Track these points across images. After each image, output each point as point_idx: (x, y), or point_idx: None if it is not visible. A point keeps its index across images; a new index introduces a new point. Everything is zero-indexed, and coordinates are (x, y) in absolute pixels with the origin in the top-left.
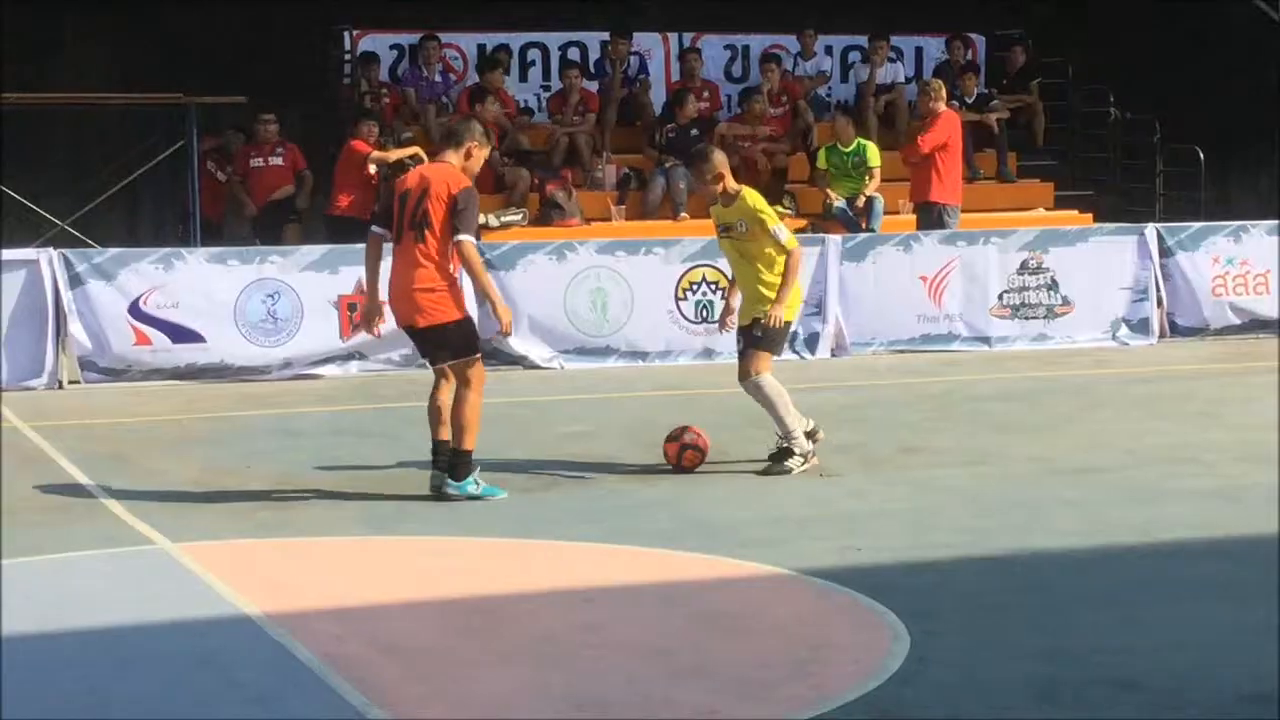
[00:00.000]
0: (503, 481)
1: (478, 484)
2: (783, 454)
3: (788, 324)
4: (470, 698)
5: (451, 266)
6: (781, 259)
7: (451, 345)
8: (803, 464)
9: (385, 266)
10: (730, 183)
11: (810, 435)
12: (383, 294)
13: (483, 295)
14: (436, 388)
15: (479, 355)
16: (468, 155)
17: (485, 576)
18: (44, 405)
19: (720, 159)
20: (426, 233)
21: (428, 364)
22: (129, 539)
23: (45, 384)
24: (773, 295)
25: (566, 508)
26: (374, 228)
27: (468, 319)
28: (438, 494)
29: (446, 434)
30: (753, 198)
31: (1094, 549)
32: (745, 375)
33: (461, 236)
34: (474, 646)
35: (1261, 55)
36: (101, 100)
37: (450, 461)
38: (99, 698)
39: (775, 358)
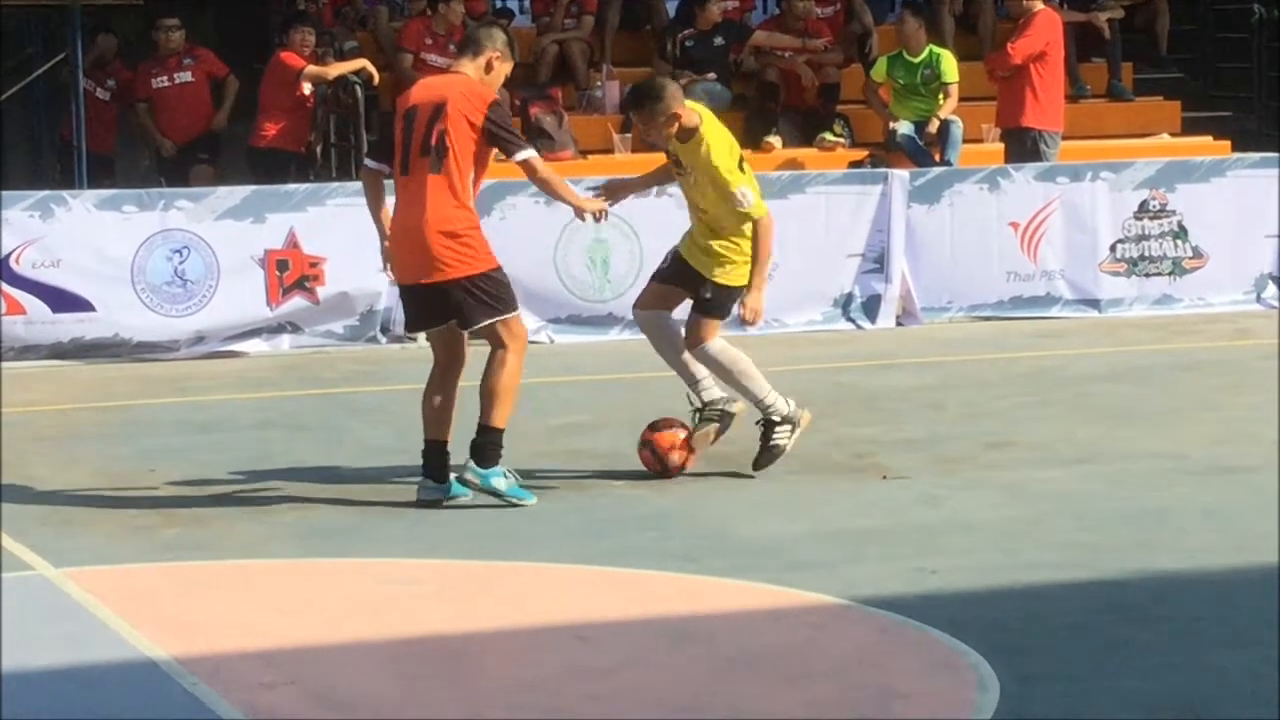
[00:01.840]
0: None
1: (508, 477)
2: (766, 431)
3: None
4: None
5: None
6: (744, 226)
7: (488, 303)
8: (792, 431)
9: None
10: (688, 119)
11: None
12: None
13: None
14: (440, 373)
15: (518, 311)
16: (488, 68)
17: (453, 609)
18: None
19: (674, 95)
20: (447, 161)
21: (423, 334)
22: (3, 563)
23: None
24: (728, 257)
25: (557, 521)
26: (369, 161)
27: (500, 268)
28: (426, 505)
29: (446, 433)
30: (711, 144)
31: (1234, 571)
32: (691, 345)
33: (524, 154)
34: (438, 698)
35: None
36: None
37: (475, 442)
38: None
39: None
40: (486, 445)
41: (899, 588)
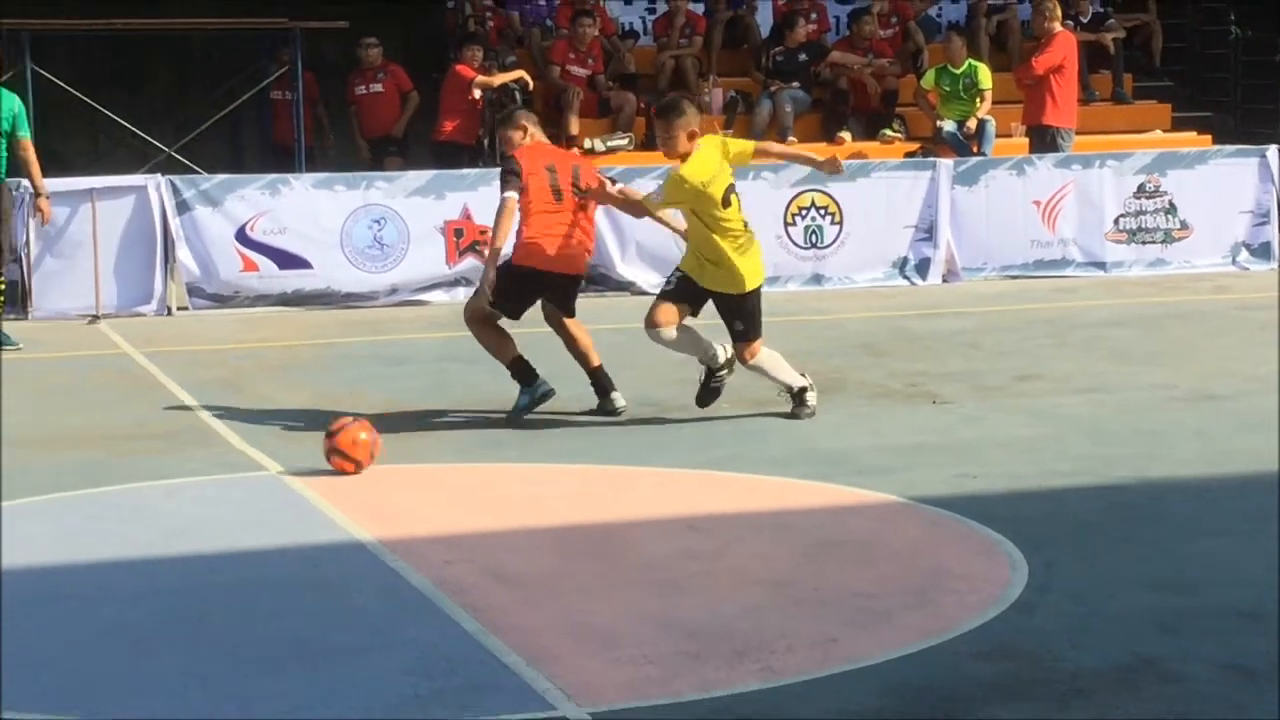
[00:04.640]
0: None
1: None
2: (797, 397)
3: (756, 291)
4: (583, 624)
5: None
6: (738, 225)
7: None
8: (807, 394)
9: None
10: (691, 145)
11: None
12: None
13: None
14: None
15: None
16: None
17: (594, 503)
18: (153, 331)
19: (692, 116)
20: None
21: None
22: (241, 465)
23: (154, 310)
24: (733, 262)
25: (674, 435)
26: (513, 194)
27: None
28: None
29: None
30: (687, 163)
31: (1215, 478)
32: (742, 360)
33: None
34: (584, 573)
35: None
36: (203, 25)
37: (593, 377)
38: (213, 622)
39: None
40: (600, 375)
41: (946, 490)
